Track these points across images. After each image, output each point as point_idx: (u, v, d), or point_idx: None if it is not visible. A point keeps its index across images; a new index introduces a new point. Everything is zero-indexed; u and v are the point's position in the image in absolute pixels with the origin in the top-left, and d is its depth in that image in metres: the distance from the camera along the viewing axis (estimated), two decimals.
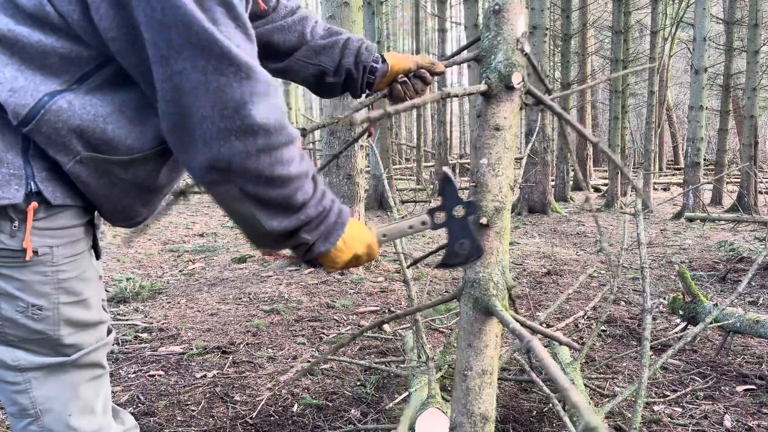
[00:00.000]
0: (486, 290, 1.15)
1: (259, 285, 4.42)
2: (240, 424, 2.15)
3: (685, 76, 27.29)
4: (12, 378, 1.05)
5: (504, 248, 1.17)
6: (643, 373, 1.73)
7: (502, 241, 1.16)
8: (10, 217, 0.99)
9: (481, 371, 1.14)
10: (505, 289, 1.15)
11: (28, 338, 1.04)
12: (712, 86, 15.93)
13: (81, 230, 1.09)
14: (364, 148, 5.16)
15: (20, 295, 1.02)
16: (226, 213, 1.03)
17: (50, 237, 1.03)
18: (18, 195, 0.97)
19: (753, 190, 10.30)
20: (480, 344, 1.14)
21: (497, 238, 1.17)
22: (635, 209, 2.00)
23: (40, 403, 1.07)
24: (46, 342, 1.06)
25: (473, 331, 1.16)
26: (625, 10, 12.88)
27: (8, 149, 0.97)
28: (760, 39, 10.67)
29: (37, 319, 1.04)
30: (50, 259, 1.03)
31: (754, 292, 4.24)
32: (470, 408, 1.13)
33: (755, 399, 2.38)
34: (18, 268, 1.01)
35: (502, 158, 1.16)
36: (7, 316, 1.02)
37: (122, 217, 1.15)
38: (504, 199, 1.16)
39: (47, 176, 1.00)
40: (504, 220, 1.15)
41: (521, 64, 1.16)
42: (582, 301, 4.00)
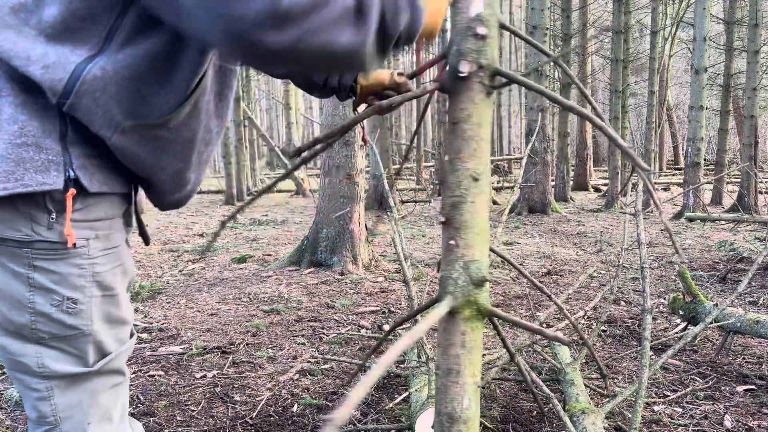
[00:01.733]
0: (445, 287, 1.12)
1: (259, 285, 4.42)
2: (240, 424, 2.15)
3: (685, 76, 27.29)
4: (35, 385, 1.04)
5: (468, 242, 1.12)
6: (643, 373, 1.73)
7: (464, 236, 1.11)
8: (47, 209, 0.97)
9: (447, 370, 1.11)
10: (470, 284, 1.10)
11: (60, 335, 1.02)
12: (712, 86, 15.92)
13: (117, 222, 1.09)
14: (363, 148, 5.16)
15: (56, 288, 1.00)
16: (294, 69, 0.90)
17: (87, 229, 1.02)
18: (58, 181, 0.95)
19: (753, 190, 10.30)
20: (445, 342, 1.12)
21: (458, 234, 1.12)
22: (635, 209, 2.00)
23: (61, 410, 1.05)
24: (77, 340, 1.04)
25: (441, 329, 1.14)
26: (625, 10, 12.88)
27: (46, 135, 0.96)
28: (760, 39, 10.66)
29: (71, 313, 1.02)
30: (86, 251, 1.02)
31: (754, 292, 4.24)
32: (438, 407, 1.11)
33: (755, 399, 2.38)
34: (55, 261, 1.00)
35: (462, 151, 1.11)
36: (41, 311, 1.00)
37: (174, 188, 1.14)
38: (463, 193, 1.11)
39: (84, 163, 0.99)
40: (464, 214, 1.08)
41: (474, 50, 1.13)
42: (582, 301, 4.00)
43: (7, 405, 2.27)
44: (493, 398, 2.38)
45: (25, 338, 1.02)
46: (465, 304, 1.07)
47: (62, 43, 0.94)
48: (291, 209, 11.41)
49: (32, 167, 0.94)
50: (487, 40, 1.10)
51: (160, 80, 1.00)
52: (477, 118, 1.10)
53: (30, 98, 0.96)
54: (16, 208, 0.97)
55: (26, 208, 0.97)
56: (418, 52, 1.01)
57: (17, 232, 0.97)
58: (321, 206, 5.08)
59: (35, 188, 0.94)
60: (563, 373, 2.30)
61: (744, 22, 12.33)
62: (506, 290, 4.35)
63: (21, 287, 0.99)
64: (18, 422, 2.13)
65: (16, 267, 0.99)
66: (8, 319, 1.01)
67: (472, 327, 1.06)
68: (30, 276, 0.99)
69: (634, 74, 21.78)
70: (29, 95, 0.95)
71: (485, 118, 1.12)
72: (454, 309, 1.06)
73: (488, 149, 1.13)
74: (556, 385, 2.40)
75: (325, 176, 5.04)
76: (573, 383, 2.18)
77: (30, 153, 0.94)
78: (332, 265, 4.89)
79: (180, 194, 1.18)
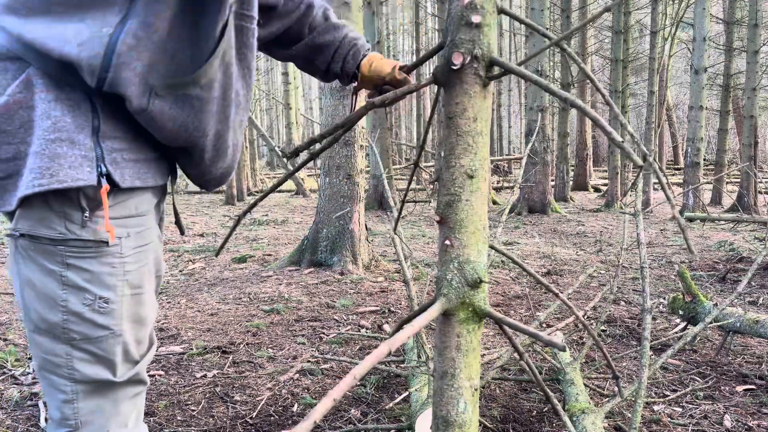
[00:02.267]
0: (440, 288, 1.08)
1: (259, 285, 4.42)
2: (240, 424, 2.15)
3: (685, 76, 27.28)
4: (63, 387, 1.04)
5: (463, 242, 1.06)
6: (643, 373, 1.73)
7: (459, 235, 1.07)
8: (81, 207, 0.98)
9: (443, 373, 1.07)
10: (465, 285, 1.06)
11: (91, 336, 1.02)
12: (712, 86, 15.92)
13: (149, 218, 1.09)
14: (364, 148, 5.16)
15: (89, 287, 1.00)
16: None
17: (119, 227, 1.02)
18: (91, 177, 0.96)
19: (753, 190, 10.30)
20: (441, 345, 1.08)
21: (452, 233, 1.06)
22: (635, 209, 2.00)
23: (83, 415, 1.06)
24: (107, 342, 1.04)
25: (437, 331, 1.10)
26: (625, 10, 12.88)
27: (79, 130, 0.96)
28: (760, 39, 10.66)
29: (103, 312, 1.02)
30: (119, 250, 1.02)
31: (754, 292, 4.24)
32: (435, 410, 1.09)
33: (755, 399, 2.38)
34: (88, 259, 1.00)
35: (455, 147, 1.07)
36: (73, 309, 1.00)
37: (216, 155, 1.12)
38: (458, 191, 1.06)
39: (116, 158, 0.99)
40: (459, 212, 1.04)
41: (467, 39, 1.08)
42: (582, 301, 4.00)
43: (8, 405, 2.27)
44: (493, 398, 2.38)
45: (57, 338, 1.01)
46: (459, 306, 1.03)
47: (92, 15, 0.93)
48: (291, 209, 11.41)
49: (66, 163, 0.94)
50: (483, 29, 1.05)
51: (187, 35, 1.00)
52: (472, 112, 1.06)
53: (62, 94, 0.95)
54: (50, 206, 0.97)
55: (60, 206, 0.97)
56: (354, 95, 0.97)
57: (51, 230, 0.98)
58: (321, 206, 5.08)
59: (70, 184, 0.94)
60: (563, 372, 2.30)
61: (744, 22, 12.34)
62: (506, 290, 4.35)
63: (54, 285, 0.99)
64: (18, 422, 2.14)
65: (50, 265, 0.99)
66: (42, 317, 1.01)
67: (468, 329, 1.03)
68: (63, 274, 0.99)
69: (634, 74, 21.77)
70: (62, 91, 0.95)
71: (482, 111, 1.07)
72: (449, 311, 1.03)
73: (486, 144, 1.09)
74: (555, 384, 2.41)
75: (325, 176, 5.04)
76: (573, 383, 2.18)
77: (64, 149, 0.94)
78: (332, 265, 4.89)
79: (223, 163, 1.16)
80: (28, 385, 2.47)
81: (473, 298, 1.04)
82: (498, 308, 3.82)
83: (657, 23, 12.31)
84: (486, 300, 1.06)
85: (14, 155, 0.95)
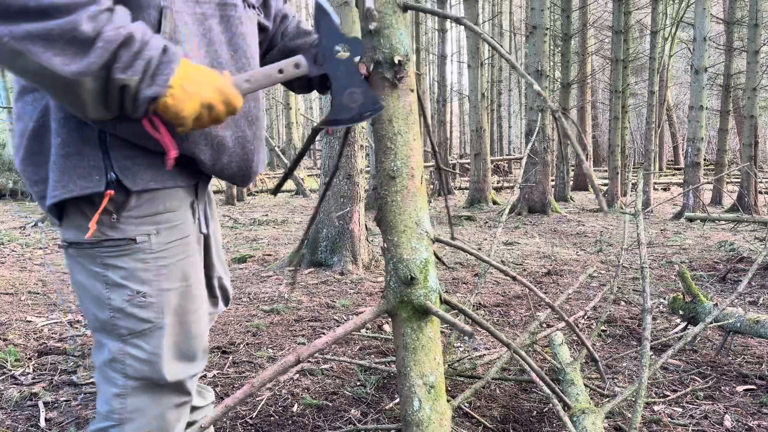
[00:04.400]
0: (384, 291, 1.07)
1: (259, 285, 4.42)
2: (240, 424, 2.15)
3: (685, 76, 27.29)
4: (117, 380, 1.11)
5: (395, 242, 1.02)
6: (643, 373, 1.73)
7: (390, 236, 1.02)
8: (107, 210, 1.05)
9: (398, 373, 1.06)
10: (400, 284, 1.01)
11: (137, 330, 1.09)
12: (712, 86, 15.92)
13: (184, 214, 1.14)
14: (364, 147, 5.15)
15: (126, 283, 1.07)
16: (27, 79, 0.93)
17: (146, 224, 1.08)
18: (100, 184, 1.03)
19: (753, 190, 10.30)
20: (395, 345, 1.07)
21: (385, 236, 1.03)
22: (635, 209, 2.00)
23: (129, 411, 1.11)
24: (152, 336, 1.10)
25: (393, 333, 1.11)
26: (625, 10, 12.87)
27: (86, 143, 1.02)
28: (760, 39, 10.66)
29: (142, 306, 1.08)
30: (149, 246, 1.08)
31: (754, 292, 4.24)
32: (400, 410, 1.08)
33: (755, 399, 2.38)
34: (121, 257, 1.07)
35: (378, 152, 1.13)
36: (117, 306, 1.08)
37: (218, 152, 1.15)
38: (384, 194, 1.04)
39: (126, 164, 1.05)
40: (387, 215, 1.03)
41: (369, 48, 1.07)
42: (582, 301, 4.00)
43: (7, 405, 2.27)
44: (493, 398, 2.38)
45: (110, 334, 1.10)
46: (399, 306, 1.02)
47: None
48: (291, 209, 11.41)
49: (76, 174, 1.02)
50: (382, 33, 1.05)
51: None
52: (386, 114, 1.07)
53: (71, 113, 1.01)
54: (83, 213, 1.06)
55: (91, 212, 1.04)
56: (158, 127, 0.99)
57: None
58: (321, 206, 5.07)
59: (79, 192, 1.02)
60: (563, 373, 2.30)
61: (744, 22, 12.33)
62: (506, 290, 4.35)
63: (100, 286, 1.08)
64: (18, 422, 2.14)
65: (94, 267, 1.08)
66: (95, 316, 1.10)
67: (412, 327, 1.01)
68: (105, 274, 1.07)
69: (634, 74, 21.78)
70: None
71: (396, 111, 1.07)
72: (391, 312, 1.03)
73: (408, 143, 1.07)
74: (555, 385, 2.40)
75: (325, 176, 5.04)
76: (573, 383, 2.18)
77: (74, 161, 1.02)
78: (332, 265, 4.89)
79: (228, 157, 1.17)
80: (28, 385, 2.46)
81: (411, 296, 1.02)
82: (498, 308, 3.82)
83: (657, 23, 12.31)
84: (430, 296, 1.03)
85: (45, 177, 1.06)
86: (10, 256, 5.61)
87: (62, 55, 0.87)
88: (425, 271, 1.03)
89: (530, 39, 10.55)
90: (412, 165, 1.08)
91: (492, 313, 3.72)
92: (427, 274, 1.02)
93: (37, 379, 2.53)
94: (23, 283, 4.40)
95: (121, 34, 0.89)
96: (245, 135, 1.19)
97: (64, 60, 0.87)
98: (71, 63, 0.87)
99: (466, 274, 4.86)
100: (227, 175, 1.20)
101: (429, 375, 1.02)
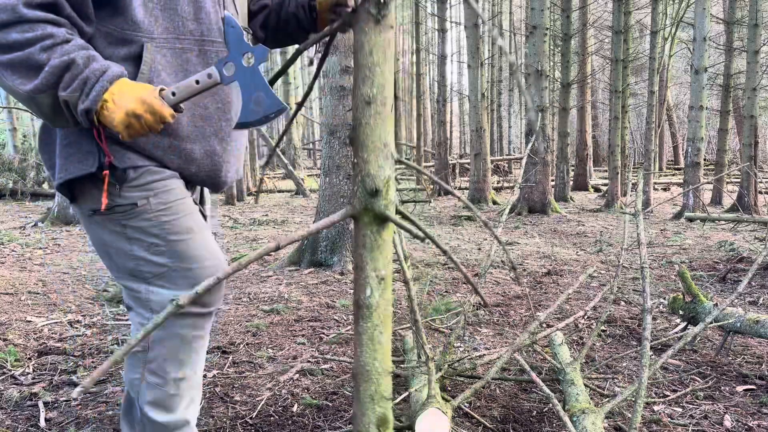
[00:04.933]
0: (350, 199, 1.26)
1: (259, 285, 4.42)
2: (240, 424, 2.15)
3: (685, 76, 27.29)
4: (146, 315, 1.37)
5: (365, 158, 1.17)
6: (643, 373, 1.73)
7: (361, 153, 1.14)
8: (113, 183, 1.30)
9: (355, 266, 1.23)
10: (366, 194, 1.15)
11: (158, 273, 1.35)
12: (712, 86, 15.91)
13: (173, 182, 1.36)
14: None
15: (141, 237, 1.33)
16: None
17: (145, 191, 1.32)
18: (94, 166, 1.28)
19: (753, 190, 10.30)
20: (354, 245, 1.25)
21: (357, 153, 1.15)
22: (635, 209, 2.00)
23: (152, 340, 1.36)
24: (170, 276, 1.35)
25: (353, 236, 1.31)
26: (625, 10, 12.87)
27: (83, 135, 1.28)
28: (760, 39, 10.66)
29: (158, 253, 1.34)
30: (149, 207, 1.33)
31: (754, 292, 4.24)
32: (353, 296, 1.25)
33: (755, 399, 2.38)
34: (133, 218, 1.33)
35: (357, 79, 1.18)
36: (139, 255, 1.34)
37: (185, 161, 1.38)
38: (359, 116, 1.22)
39: (114, 148, 1.29)
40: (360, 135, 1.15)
41: None
42: (582, 301, 4.00)
43: (7, 405, 2.27)
44: (493, 398, 2.38)
45: (135, 278, 1.36)
46: (363, 212, 1.17)
47: None
48: (291, 209, 11.41)
49: (76, 159, 1.29)
50: None
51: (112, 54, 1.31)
52: (368, 46, 1.16)
53: None
54: (97, 187, 1.30)
55: (99, 186, 1.30)
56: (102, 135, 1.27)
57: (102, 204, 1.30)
58: (321, 206, 5.08)
59: (78, 173, 1.29)
60: (563, 372, 2.30)
61: (744, 22, 12.33)
62: (506, 290, 4.35)
63: (124, 242, 1.34)
64: (18, 422, 2.14)
65: (116, 228, 1.34)
66: (123, 266, 1.36)
67: (372, 230, 1.18)
68: (124, 232, 1.33)
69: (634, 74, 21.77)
70: None
71: (377, 45, 1.16)
72: (355, 216, 1.19)
73: (383, 73, 1.17)
74: (556, 384, 2.41)
75: (325, 176, 5.04)
76: (573, 383, 2.18)
77: (73, 149, 1.30)
78: (332, 265, 4.89)
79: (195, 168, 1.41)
80: (28, 385, 2.46)
81: (373, 205, 1.19)
82: (498, 308, 3.82)
83: (657, 23, 12.31)
84: (389, 207, 1.20)
85: (54, 163, 1.33)
86: (10, 256, 5.61)
87: (21, 78, 1.15)
88: (387, 185, 1.22)
89: (530, 39, 10.55)
90: (385, 94, 1.25)
91: (492, 313, 3.72)
92: (389, 189, 1.23)
93: (37, 379, 2.53)
94: (23, 283, 4.40)
95: (65, 61, 1.15)
96: (214, 150, 1.41)
97: (22, 81, 1.15)
98: (27, 83, 1.15)
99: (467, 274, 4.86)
100: (197, 181, 1.43)
101: (381, 269, 1.22)
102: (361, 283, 1.21)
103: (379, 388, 1.27)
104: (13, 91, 1.17)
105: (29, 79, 1.15)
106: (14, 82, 1.15)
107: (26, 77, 1.15)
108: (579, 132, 17.77)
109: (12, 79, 1.15)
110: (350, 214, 1.20)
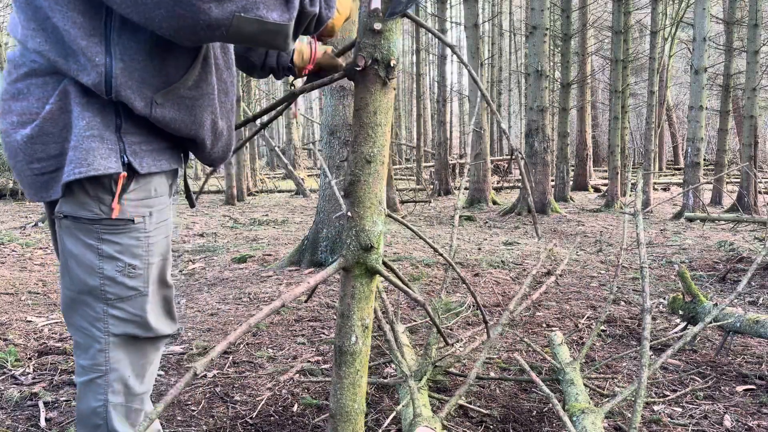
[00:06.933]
0: (342, 251, 1.30)
1: (259, 285, 4.42)
2: (240, 424, 2.15)
3: (685, 76, 27.28)
4: (100, 338, 1.26)
5: (360, 214, 1.27)
6: (643, 372, 1.73)
7: (357, 209, 1.27)
8: (111, 191, 1.19)
9: (341, 314, 1.32)
10: (359, 249, 1.27)
11: (123, 296, 1.25)
12: (712, 86, 15.92)
13: (167, 199, 1.30)
14: None
15: (120, 256, 1.22)
16: (229, 41, 1.15)
17: (144, 206, 1.24)
18: (118, 165, 1.17)
19: (753, 190, 10.30)
20: (341, 293, 1.34)
21: (352, 207, 1.28)
22: (635, 209, 2.00)
23: (111, 362, 1.27)
24: (135, 301, 1.26)
25: (340, 283, 1.37)
26: (625, 10, 12.87)
27: (106, 128, 1.17)
28: (760, 39, 10.66)
29: (132, 277, 1.25)
30: (144, 226, 1.24)
31: (754, 292, 4.24)
32: (335, 342, 1.35)
33: (755, 399, 2.38)
34: (118, 234, 1.22)
35: (358, 136, 1.26)
36: (108, 275, 1.22)
37: (214, 140, 1.34)
38: (358, 173, 1.26)
39: (135, 150, 1.20)
40: (358, 191, 1.26)
41: (370, 44, 1.22)
42: (582, 300, 4.00)
43: (7, 405, 2.27)
44: (493, 398, 2.38)
45: (96, 298, 1.24)
46: (355, 265, 1.26)
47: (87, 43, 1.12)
48: (291, 209, 11.41)
49: (99, 155, 1.16)
50: (384, 34, 1.21)
51: (166, 50, 1.19)
52: (373, 106, 1.23)
53: (92, 99, 1.16)
54: (86, 192, 1.18)
55: (95, 191, 1.18)
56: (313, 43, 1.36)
57: (89, 212, 1.19)
58: (321, 206, 5.08)
59: (103, 171, 1.15)
60: (563, 372, 2.30)
61: (744, 22, 12.34)
62: (506, 290, 4.35)
63: (92, 256, 1.21)
64: (18, 422, 2.14)
65: (89, 240, 1.21)
66: (84, 282, 1.23)
67: (361, 282, 1.27)
68: (99, 248, 1.21)
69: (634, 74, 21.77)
70: (91, 97, 1.16)
71: (381, 106, 1.24)
72: (347, 268, 1.27)
73: (385, 134, 1.26)
74: (555, 384, 2.41)
75: (325, 176, 5.04)
76: (573, 383, 2.18)
77: (96, 143, 1.16)
78: None
79: (221, 143, 1.37)
80: (28, 385, 2.47)
81: (366, 259, 1.26)
82: (498, 308, 3.82)
83: (657, 23, 12.31)
84: (379, 260, 1.28)
85: (60, 152, 1.17)
86: (10, 256, 5.62)
87: (279, 11, 1.13)
88: (379, 241, 1.29)
89: (530, 39, 10.55)
90: (384, 153, 1.29)
91: (492, 313, 3.72)
92: (380, 243, 1.30)
93: (37, 379, 2.53)
94: (23, 283, 4.40)
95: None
96: (231, 125, 1.38)
97: (281, 15, 1.13)
98: (286, 13, 1.14)
99: (467, 274, 4.86)
100: (214, 158, 1.38)
101: (366, 318, 1.29)
102: (346, 330, 1.29)
103: (356, 427, 1.36)
104: (264, 26, 1.12)
105: (285, 10, 1.14)
106: (273, 17, 1.12)
107: (282, 9, 1.14)
108: (579, 132, 17.78)
109: (272, 15, 1.12)
110: (343, 266, 1.27)
